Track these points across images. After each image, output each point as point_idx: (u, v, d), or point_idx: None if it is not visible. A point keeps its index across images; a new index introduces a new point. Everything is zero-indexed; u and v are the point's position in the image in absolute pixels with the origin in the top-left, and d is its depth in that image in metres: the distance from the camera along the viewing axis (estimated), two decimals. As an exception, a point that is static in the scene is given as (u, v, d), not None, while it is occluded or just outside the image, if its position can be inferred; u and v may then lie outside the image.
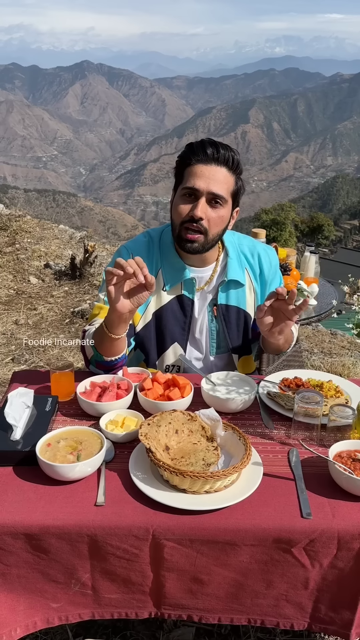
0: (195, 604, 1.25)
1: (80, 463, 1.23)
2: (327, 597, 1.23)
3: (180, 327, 1.84)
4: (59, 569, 1.20)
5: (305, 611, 1.25)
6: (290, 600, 1.23)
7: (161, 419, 1.37)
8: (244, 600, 1.24)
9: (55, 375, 1.59)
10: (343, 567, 1.19)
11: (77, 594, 1.23)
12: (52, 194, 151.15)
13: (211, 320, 1.86)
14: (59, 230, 7.41)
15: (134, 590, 1.23)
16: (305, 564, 1.19)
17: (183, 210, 1.68)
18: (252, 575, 1.21)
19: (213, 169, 1.66)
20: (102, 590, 1.23)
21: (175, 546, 1.17)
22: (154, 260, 1.82)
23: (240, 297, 1.87)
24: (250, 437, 1.46)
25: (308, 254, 2.89)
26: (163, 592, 1.23)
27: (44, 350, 4.29)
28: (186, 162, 1.69)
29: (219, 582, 1.22)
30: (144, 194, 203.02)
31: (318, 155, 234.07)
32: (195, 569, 1.20)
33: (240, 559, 1.18)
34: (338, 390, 1.64)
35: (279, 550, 1.17)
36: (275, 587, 1.22)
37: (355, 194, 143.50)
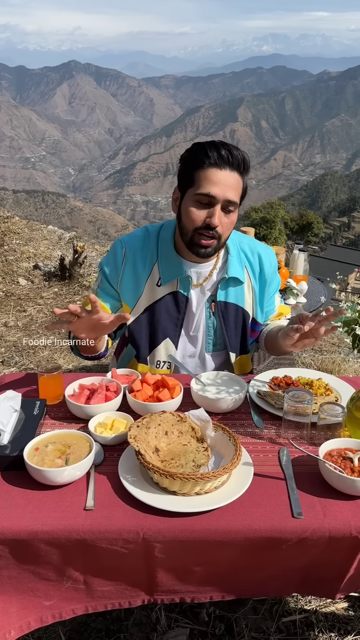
0: (186, 588, 1.26)
1: (69, 467, 1.22)
2: (314, 572, 1.25)
3: (173, 323, 1.84)
4: (50, 568, 1.19)
5: (293, 583, 1.28)
6: (280, 577, 1.26)
7: (150, 420, 1.36)
8: (234, 579, 1.26)
9: (43, 378, 1.57)
10: (332, 555, 1.20)
11: (70, 590, 1.22)
12: (41, 195, 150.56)
13: (209, 317, 1.86)
14: (47, 231, 7.38)
15: (127, 581, 1.23)
16: (294, 555, 1.20)
17: (198, 217, 1.66)
18: (243, 562, 1.22)
19: (227, 174, 1.63)
20: (94, 584, 1.22)
21: (165, 547, 1.16)
22: (148, 254, 1.82)
23: (239, 294, 1.87)
24: (241, 437, 1.46)
25: (297, 252, 2.90)
26: (155, 581, 1.24)
27: (34, 352, 4.26)
28: (197, 164, 1.64)
29: (210, 570, 1.23)
30: (134, 194, 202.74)
31: (306, 153, 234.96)
32: (186, 563, 1.21)
33: (231, 553, 1.19)
34: (328, 388, 1.63)
35: (271, 547, 1.18)
36: (266, 570, 1.23)
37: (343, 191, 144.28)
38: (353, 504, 1.20)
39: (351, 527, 1.15)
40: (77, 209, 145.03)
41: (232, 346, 1.89)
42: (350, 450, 1.30)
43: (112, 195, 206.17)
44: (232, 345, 1.89)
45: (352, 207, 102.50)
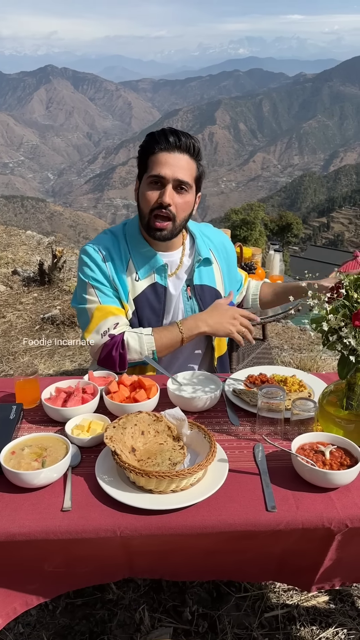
0: (165, 568, 1.30)
1: (45, 469, 1.22)
2: (290, 562, 1.29)
3: (155, 314, 1.87)
4: (30, 559, 1.21)
5: (270, 570, 1.31)
6: (257, 563, 1.30)
7: (127, 421, 1.38)
8: (212, 563, 1.29)
9: (19, 382, 1.57)
10: (306, 547, 1.23)
11: (51, 574, 1.24)
12: (21, 200, 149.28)
13: (186, 300, 1.92)
14: (26, 236, 7.34)
15: (106, 565, 1.27)
16: (269, 543, 1.23)
17: (151, 197, 1.74)
18: (220, 548, 1.25)
19: (176, 156, 1.72)
20: (75, 566, 1.25)
21: (143, 541, 1.19)
22: (122, 252, 1.84)
23: (210, 275, 1.96)
24: (217, 434, 1.48)
25: (272, 252, 2.94)
26: (134, 563, 1.27)
27: (14, 359, 4.23)
28: (149, 151, 1.74)
29: (188, 553, 1.26)
30: (114, 197, 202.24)
31: (285, 154, 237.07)
32: (164, 548, 1.24)
33: (207, 543, 1.22)
34: (301, 384, 1.67)
35: (245, 540, 1.21)
36: (243, 555, 1.27)
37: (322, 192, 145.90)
38: (325, 496, 1.23)
39: (323, 518, 1.18)
40: (57, 213, 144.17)
41: None
42: (322, 444, 1.33)
43: (92, 200, 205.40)
44: None
45: (331, 207, 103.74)
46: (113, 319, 1.78)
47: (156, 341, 1.77)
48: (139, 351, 1.76)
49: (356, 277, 1.31)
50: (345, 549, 1.23)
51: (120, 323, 1.79)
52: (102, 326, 1.77)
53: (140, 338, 1.76)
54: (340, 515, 1.18)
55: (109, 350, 1.76)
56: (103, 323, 1.77)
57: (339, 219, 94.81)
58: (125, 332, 1.77)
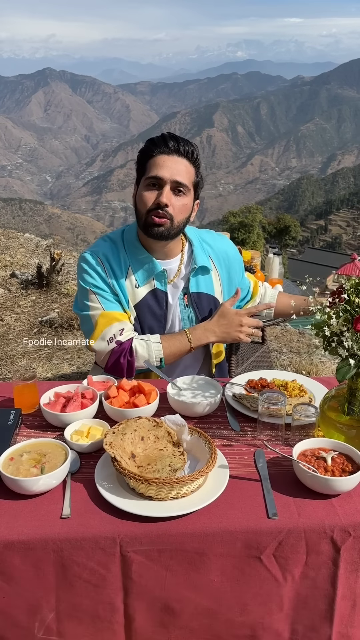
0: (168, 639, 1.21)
1: (44, 476, 1.21)
2: (303, 615, 1.22)
3: (157, 320, 1.86)
4: (21, 608, 1.16)
5: (282, 637, 1.23)
6: (266, 628, 1.21)
7: (126, 426, 1.36)
8: (218, 631, 1.21)
9: (18, 387, 1.56)
10: (315, 576, 1.19)
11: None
12: (19, 203, 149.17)
13: (183, 309, 1.91)
14: (24, 239, 7.32)
15: (103, 629, 1.19)
16: (277, 577, 1.18)
17: (149, 198, 1.73)
18: (225, 600, 1.18)
19: (175, 159, 1.73)
20: (68, 634, 1.18)
21: (143, 561, 1.14)
22: (121, 258, 1.83)
23: (208, 283, 1.93)
24: (217, 439, 1.47)
25: (271, 256, 2.93)
26: (133, 627, 1.20)
27: (12, 362, 4.22)
28: (148, 154, 1.75)
29: (191, 612, 1.19)
30: (112, 200, 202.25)
31: (282, 157, 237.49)
32: (166, 594, 1.17)
33: (210, 577, 1.16)
34: (302, 389, 1.66)
35: (249, 559, 1.16)
36: (250, 612, 1.20)
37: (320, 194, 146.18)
38: (327, 503, 1.22)
39: (325, 526, 1.17)
40: (55, 216, 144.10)
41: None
42: (323, 450, 1.32)
43: (90, 202, 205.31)
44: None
45: (329, 210, 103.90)
46: (118, 325, 1.76)
47: (164, 349, 1.77)
48: (147, 359, 1.76)
49: (357, 282, 1.30)
50: (356, 582, 1.20)
51: (126, 329, 1.77)
52: (108, 332, 1.75)
53: (148, 346, 1.76)
54: (342, 523, 1.17)
55: (117, 358, 1.74)
56: (108, 329, 1.75)
57: (336, 221, 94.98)
58: (133, 339, 1.76)
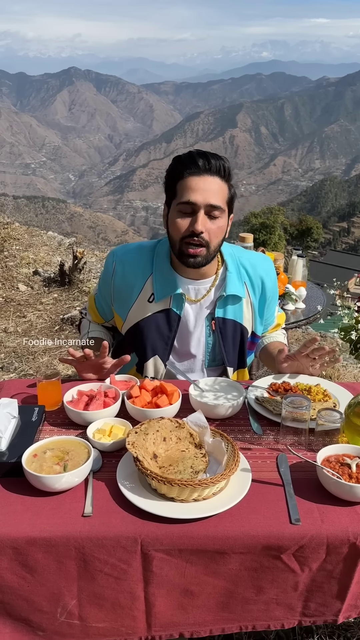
0: (186, 619, 1.23)
1: (67, 473, 1.22)
2: (316, 596, 1.23)
3: (163, 341, 1.82)
4: (44, 595, 1.17)
5: (295, 611, 1.25)
6: (280, 603, 1.23)
7: (149, 426, 1.36)
8: (234, 607, 1.23)
9: (42, 384, 1.57)
10: (332, 569, 1.19)
11: (64, 625, 1.19)
12: (42, 201, 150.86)
13: (208, 335, 1.84)
14: (47, 237, 7.39)
15: (123, 615, 1.20)
16: (294, 569, 1.18)
17: (182, 225, 1.64)
18: (242, 583, 1.20)
19: (207, 179, 1.61)
20: (89, 619, 1.19)
21: (164, 557, 1.15)
22: (141, 268, 1.79)
23: (237, 311, 1.84)
24: (239, 442, 1.46)
25: (295, 258, 2.90)
26: (153, 612, 1.20)
27: (33, 358, 4.26)
28: (177, 176, 1.64)
29: (209, 592, 1.20)
30: (134, 199, 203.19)
31: (306, 158, 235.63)
32: (185, 580, 1.18)
33: (229, 567, 1.17)
34: (326, 394, 1.64)
35: (269, 557, 1.17)
36: (266, 593, 1.21)
37: (343, 196, 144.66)
38: (351, 510, 1.20)
39: (349, 533, 1.15)
40: (77, 214, 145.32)
41: (230, 361, 1.88)
42: (348, 456, 1.30)
43: (112, 201, 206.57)
44: (229, 361, 1.88)
45: (352, 212, 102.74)
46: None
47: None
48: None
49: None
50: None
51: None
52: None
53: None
54: (366, 531, 1.15)
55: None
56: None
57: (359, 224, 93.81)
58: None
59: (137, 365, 1.88)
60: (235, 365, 1.91)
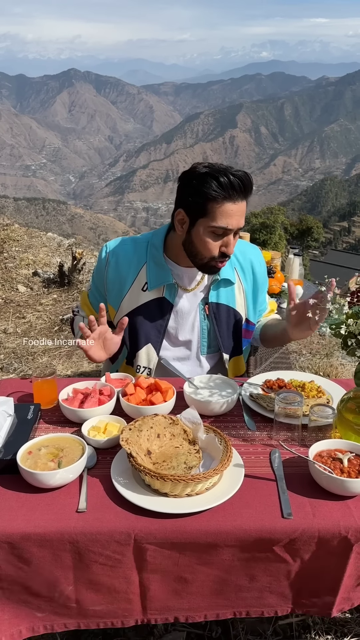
0: (180, 604, 1.25)
1: (61, 470, 1.23)
2: (309, 585, 1.25)
3: (156, 329, 1.85)
4: (41, 582, 1.19)
5: (287, 599, 1.27)
6: (273, 591, 1.25)
7: (143, 423, 1.37)
8: (228, 594, 1.25)
9: (37, 383, 1.59)
10: (324, 562, 1.21)
11: (61, 606, 1.22)
12: (42, 202, 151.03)
13: (203, 319, 1.89)
14: (47, 238, 7.41)
15: (119, 599, 1.23)
16: (287, 559, 1.20)
17: (215, 247, 1.69)
18: (235, 572, 1.21)
19: (240, 205, 1.66)
20: (86, 602, 1.22)
21: (157, 549, 1.17)
22: (135, 258, 1.84)
23: (229, 295, 1.89)
24: (233, 439, 1.47)
25: (292, 257, 2.92)
26: (148, 596, 1.23)
27: (33, 359, 4.28)
28: (212, 197, 1.62)
29: (202, 580, 1.22)
30: (134, 200, 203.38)
31: (306, 158, 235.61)
32: (179, 569, 1.20)
33: (222, 557, 1.19)
34: (320, 390, 1.65)
35: (261, 550, 1.18)
36: (259, 581, 1.23)
37: (343, 195, 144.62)
38: (342, 504, 1.22)
39: (340, 527, 1.16)
40: (78, 215, 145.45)
41: (225, 347, 1.91)
42: (340, 451, 1.31)
43: (112, 202, 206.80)
44: (225, 346, 1.91)
45: (352, 211, 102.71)
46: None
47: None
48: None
49: (377, 283, 1.29)
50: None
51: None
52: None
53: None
54: (358, 524, 1.16)
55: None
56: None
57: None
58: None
59: (128, 357, 1.91)
60: (230, 352, 1.93)
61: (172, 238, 1.81)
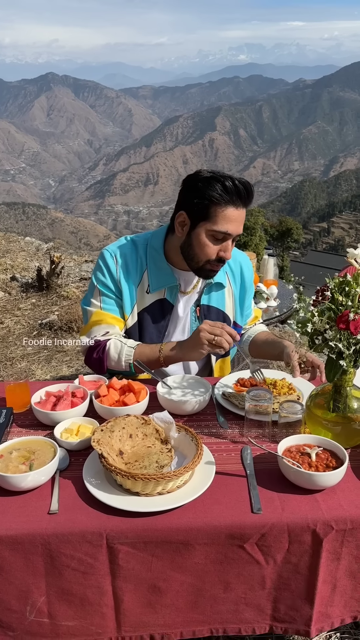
0: (155, 620, 1.24)
1: (32, 472, 1.23)
2: (284, 595, 1.24)
3: (158, 330, 1.88)
4: (13, 593, 1.18)
5: (265, 613, 1.26)
6: (249, 603, 1.24)
7: (115, 424, 1.38)
8: (203, 607, 1.24)
9: (9, 386, 1.58)
10: (297, 562, 1.21)
11: (33, 624, 1.20)
12: (22, 207, 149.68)
13: (194, 321, 1.92)
14: (25, 242, 7.37)
15: (92, 612, 1.21)
16: (259, 560, 1.20)
17: (213, 251, 1.73)
18: (209, 578, 1.21)
19: (242, 212, 1.71)
20: (58, 616, 1.20)
21: (129, 551, 1.17)
22: (138, 261, 1.85)
23: (220, 298, 1.94)
24: (205, 437, 1.49)
25: (266, 257, 2.95)
26: (122, 609, 1.22)
27: (11, 364, 4.24)
28: (216, 201, 1.65)
29: (176, 589, 1.22)
30: (115, 204, 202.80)
31: (285, 160, 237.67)
32: (152, 575, 1.20)
33: (195, 560, 1.19)
34: (291, 387, 1.68)
35: (233, 547, 1.19)
36: (233, 589, 1.23)
37: (322, 197, 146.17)
38: (310, 498, 1.24)
39: (308, 520, 1.18)
40: (59, 220, 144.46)
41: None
42: (308, 446, 1.33)
43: (93, 206, 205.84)
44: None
45: (331, 212, 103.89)
46: (105, 327, 1.82)
47: (135, 355, 1.77)
48: (117, 360, 1.78)
49: (341, 280, 1.32)
50: (337, 568, 1.23)
51: (111, 332, 1.82)
52: (95, 331, 1.82)
53: (122, 348, 1.78)
54: (325, 517, 1.19)
55: (91, 353, 1.82)
56: (97, 328, 1.82)
57: (339, 223, 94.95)
58: (111, 339, 1.81)
59: None
60: (217, 354, 1.96)
61: (170, 240, 1.83)
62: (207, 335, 1.63)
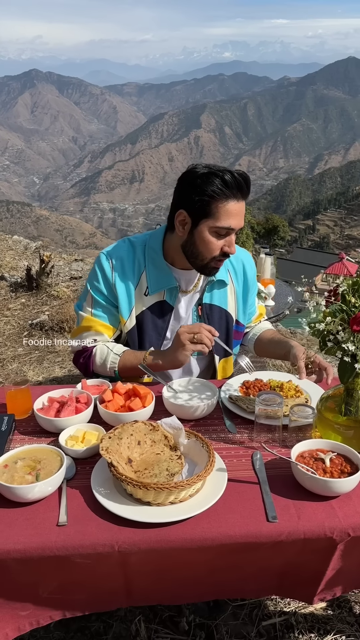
0: (163, 590, 1.26)
1: (40, 483, 1.19)
2: (292, 575, 1.26)
3: (157, 332, 1.84)
4: (23, 586, 1.17)
5: (270, 585, 1.28)
6: (256, 579, 1.26)
7: (122, 431, 1.34)
8: (210, 581, 1.26)
9: (10, 392, 1.53)
10: (308, 558, 1.21)
11: (45, 599, 1.20)
12: (6, 205, 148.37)
13: (195, 320, 1.88)
14: (13, 241, 7.27)
15: (103, 589, 1.22)
16: (270, 556, 1.20)
17: (217, 246, 1.70)
18: (220, 562, 1.21)
19: (242, 205, 1.68)
20: (71, 592, 1.21)
21: (142, 557, 1.15)
22: (135, 263, 1.81)
23: (222, 297, 1.91)
24: (214, 442, 1.45)
25: (263, 256, 2.93)
26: (131, 583, 1.23)
27: (2, 366, 4.17)
28: (217, 196, 1.62)
29: (186, 573, 1.23)
30: (100, 201, 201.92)
31: (270, 157, 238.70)
32: (163, 568, 1.20)
33: (207, 558, 1.18)
34: (298, 390, 1.65)
35: (247, 554, 1.18)
36: (242, 570, 1.24)
37: (307, 194, 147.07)
38: (326, 505, 1.21)
39: (325, 528, 1.16)
40: (44, 217, 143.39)
41: (216, 349, 1.90)
42: (321, 451, 1.31)
43: (78, 204, 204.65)
44: (216, 348, 1.89)
45: (316, 210, 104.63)
46: (94, 334, 1.82)
47: (120, 362, 1.75)
48: (101, 365, 1.78)
49: (354, 281, 1.30)
50: (347, 558, 1.22)
51: (99, 340, 1.82)
52: (83, 336, 1.83)
53: (107, 354, 1.78)
54: (342, 524, 1.16)
55: (78, 357, 1.84)
56: (86, 334, 1.83)
57: (324, 221, 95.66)
58: (98, 344, 1.81)
59: None
60: (222, 354, 1.93)
61: (169, 240, 1.79)
62: (186, 335, 1.63)
